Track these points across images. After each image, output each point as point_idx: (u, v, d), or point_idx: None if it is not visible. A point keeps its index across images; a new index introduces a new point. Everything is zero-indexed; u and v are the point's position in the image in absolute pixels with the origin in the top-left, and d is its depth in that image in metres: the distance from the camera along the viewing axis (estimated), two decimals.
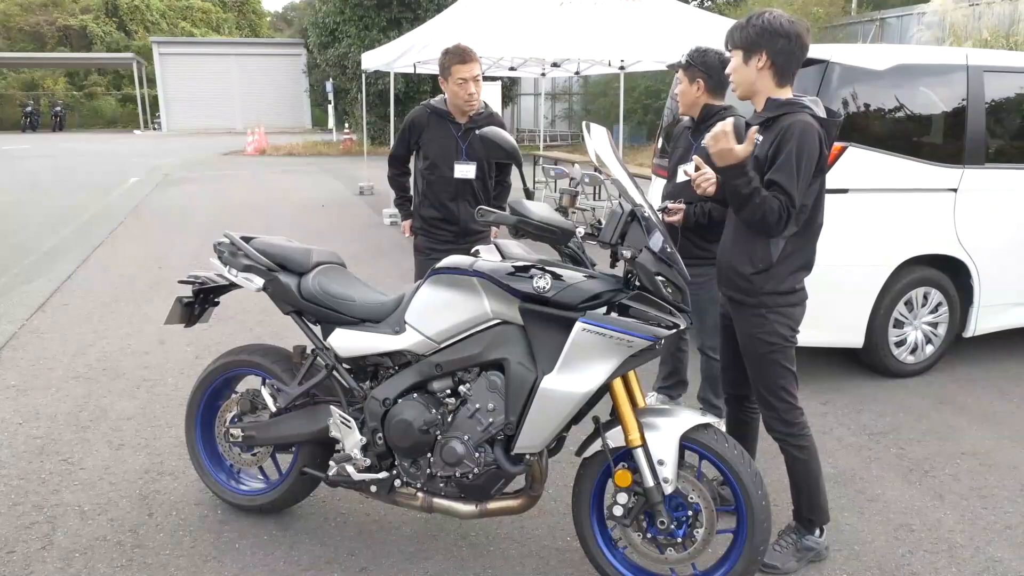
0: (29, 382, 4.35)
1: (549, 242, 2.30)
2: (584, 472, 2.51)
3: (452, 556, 2.74)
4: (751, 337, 2.58)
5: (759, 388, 2.62)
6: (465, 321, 2.47)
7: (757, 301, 2.54)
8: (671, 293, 2.32)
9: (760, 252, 2.52)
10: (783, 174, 2.36)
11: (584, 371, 2.29)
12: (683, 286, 2.34)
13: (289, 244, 2.87)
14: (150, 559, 2.71)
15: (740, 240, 2.59)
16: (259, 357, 2.90)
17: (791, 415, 2.60)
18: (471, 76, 3.46)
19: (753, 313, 2.56)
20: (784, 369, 2.57)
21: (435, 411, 2.51)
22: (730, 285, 2.63)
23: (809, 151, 2.37)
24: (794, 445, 2.61)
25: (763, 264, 2.52)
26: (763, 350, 2.56)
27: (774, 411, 2.60)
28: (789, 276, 2.53)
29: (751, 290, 2.55)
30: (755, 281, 2.54)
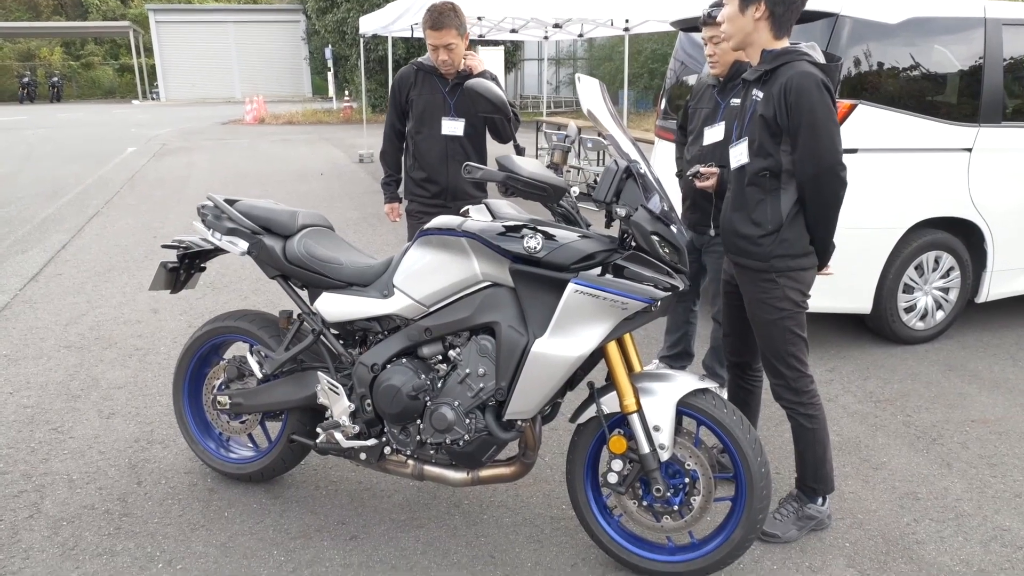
0: (20, 351, 4.29)
1: (540, 200, 2.20)
2: (578, 439, 2.43)
3: (444, 524, 2.68)
4: (760, 303, 2.48)
5: (768, 355, 2.52)
6: (454, 284, 2.38)
7: (766, 265, 2.43)
8: (668, 253, 2.22)
9: (769, 213, 2.41)
10: (817, 139, 2.26)
11: (577, 334, 2.20)
12: (680, 246, 2.24)
13: (274, 206, 2.77)
14: (138, 528, 2.66)
15: (745, 202, 2.47)
16: (245, 323, 2.82)
17: (801, 383, 2.50)
18: (441, 44, 3.30)
19: (762, 278, 2.45)
20: (794, 335, 2.47)
21: (424, 377, 2.42)
22: (737, 250, 2.52)
23: (824, 102, 2.26)
24: (803, 414, 2.52)
25: (772, 225, 2.41)
26: (773, 316, 2.46)
27: (783, 379, 2.51)
28: (800, 237, 2.42)
29: (760, 254, 2.44)
30: (764, 244, 2.42)
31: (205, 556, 2.51)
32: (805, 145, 2.29)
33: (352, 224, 7.66)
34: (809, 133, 2.27)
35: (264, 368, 2.69)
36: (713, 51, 3.16)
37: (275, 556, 2.51)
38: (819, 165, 2.29)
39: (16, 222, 7.79)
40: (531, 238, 2.21)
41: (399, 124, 3.66)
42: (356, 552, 2.53)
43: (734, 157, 2.52)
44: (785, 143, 2.35)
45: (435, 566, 2.46)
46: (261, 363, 2.71)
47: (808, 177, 2.32)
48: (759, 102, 2.38)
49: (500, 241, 2.25)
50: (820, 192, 2.33)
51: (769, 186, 2.40)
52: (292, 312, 2.75)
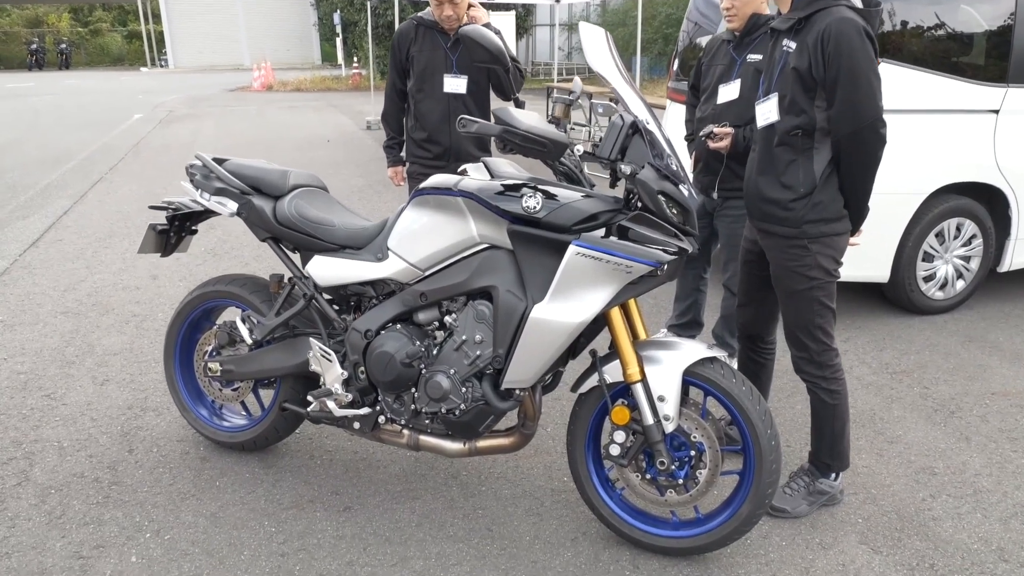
0: (17, 317, 4.23)
1: (539, 157, 2.06)
2: (579, 409, 2.33)
3: (441, 496, 2.60)
4: (789, 272, 2.33)
5: (792, 327, 2.39)
6: (450, 246, 2.26)
7: (798, 232, 2.28)
8: (676, 214, 2.09)
9: (801, 175, 2.25)
10: (856, 91, 2.10)
11: (578, 299, 2.08)
12: (689, 206, 2.11)
13: (265, 166, 2.65)
14: (127, 496, 2.59)
15: (774, 164, 2.31)
16: (236, 287, 2.72)
17: (825, 356, 2.37)
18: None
19: (792, 244, 2.30)
20: (823, 306, 2.33)
21: (419, 343, 2.32)
22: (763, 216, 2.36)
23: (865, 50, 2.09)
24: (825, 389, 2.39)
25: (804, 188, 2.25)
26: (802, 286, 2.31)
27: (807, 352, 2.38)
28: (834, 199, 2.26)
29: (790, 219, 2.28)
30: (795, 208, 2.27)
31: (194, 526, 2.44)
32: (843, 99, 2.13)
33: (357, 191, 7.53)
34: (848, 85, 2.10)
35: (254, 334, 2.59)
36: (731, 3, 2.98)
37: (266, 527, 2.43)
38: (858, 121, 2.13)
39: (19, 188, 7.71)
40: (530, 197, 2.09)
41: (400, 83, 3.51)
42: (349, 524, 2.45)
43: (761, 115, 2.35)
44: (820, 98, 2.19)
45: (431, 539, 2.38)
46: (251, 329, 2.61)
47: (845, 135, 2.16)
48: (791, 53, 2.21)
49: (497, 201, 2.13)
50: (858, 151, 2.17)
51: (801, 146, 2.25)
52: (283, 276, 2.64)
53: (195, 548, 2.33)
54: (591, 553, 2.31)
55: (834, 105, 2.15)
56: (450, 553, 2.31)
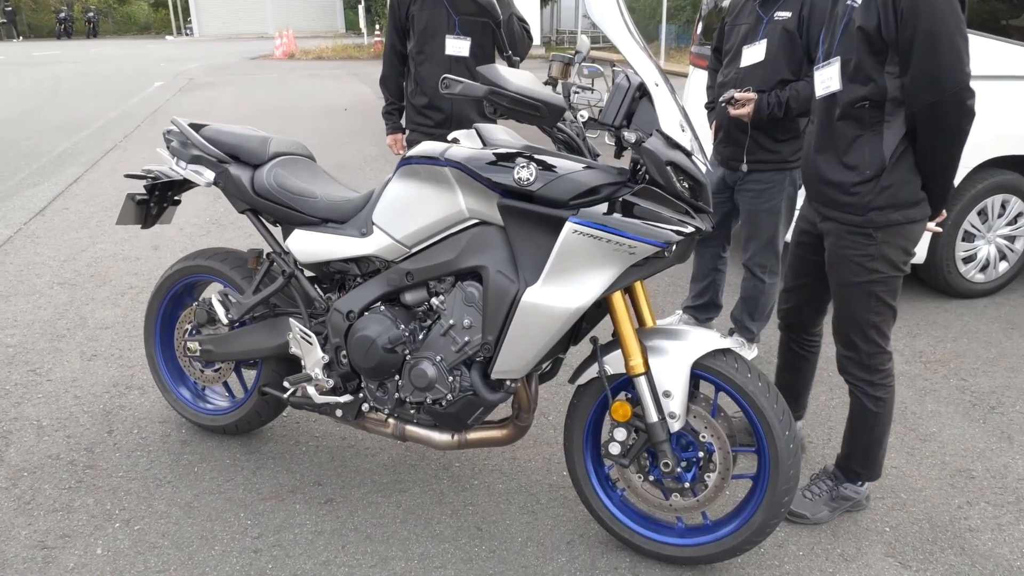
0: (14, 288, 4.12)
1: (533, 122, 1.84)
2: (578, 402, 2.13)
3: (430, 489, 2.42)
4: (847, 261, 2.06)
5: (843, 323, 2.13)
6: (437, 221, 2.05)
7: (863, 219, 2.00)
8: (687, 188, 1.85)
9: (867, 154, 1.96)
10: (938, 54, 1.80)
11: (575, 282, 1.87)
12: (703, 180, 1.87)
13: (245, 132, 2.45)
14: (100, 482, 2.45)
15: (835, 140, 2.02)
16: (216, 262, 2.54)
17: (877, 360, 2.12)
18: None
19: (857, 233, 2.02)
20: (882, 304, 2.07)
21: (403, 327, 2.12)
22: (825, 200, 2.08)
23: (950, 5, 1.79)
24: (870, 395, 2.14)
25: (872, 170, 1.97)
26: (862, 279, 2.05)
27: (855, 352, 2.13)
28: (907, 182, 1.97)
29: (855, 205, 2.01)
30: (860, 193, 1.99)
31: (166, 516, 2.29)
32: (921, 64, 1.82)
33: (370, 161, 7.33)
34: (927, 47, 1.80)
35: (230, 313, 2.41)
36: None
37: (241, 519, 2.28)
38: (938, 90, 1.82)
39: (33, 156, 7.62)
40: (523, 168, 1.87)
41: (400, 45, 3.29)
42: (329, 518, 2.28)
43: (820, 83, 2.06)
44: (892, 63, 1.89)
45: (415, 537, 2.21)
46: (227, 308, 2.43)
47: (923, 106, 1.86)
48: (856, 9, 1.91)
49: (487, 172, 1.91)
50: (938, 126, 1.87)
51: (868, 119, 1.96)
52: (262, 251, 2.46)
53: (165, 541, 2.19)
54: (587, 559, 2.12)
55: (909, 72, 1.85)
56: (434, 554, 2.14)
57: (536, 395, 2.20)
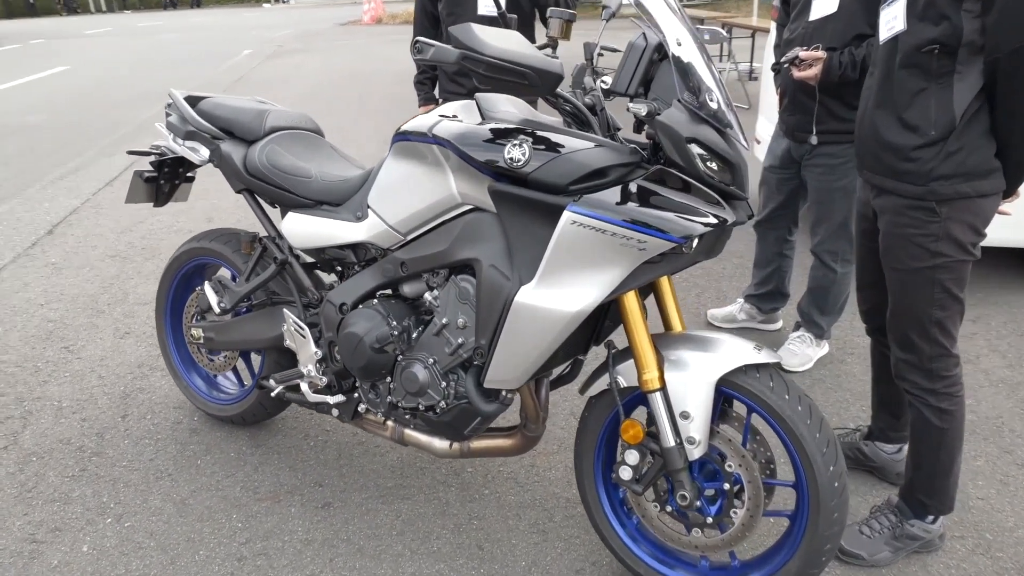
0: (68, 260, 4.17)
1: (522, 92, 1.54)
2: (589, 415, 1.85)
3: (435, 497, 2.21)
4: (904, 241, 1.72)
5: (900, 318, 1.78)
6: (430, 206, 1.80)
7: (923, 190, 1.66)
8: (716, 171, 1.53)
9: (934, 110, 1.62)
10: None
11: (574, 282, 1.58)
12: (735, 159, 1.54)
13: (242, 105, 2.27)
14: (103, 471, 2.37)
15: (894, 93, 1.68)
16: (220, 244, 2.39)
17: (941, 364, 1.76)
18: None
19: (915, 207, 1.68)
20: (947, 295, 1.71)
21: (395, 324, 1.90)
22: (879, 166, 1.74)
23: None
24: (933, 407, 1.79)
25: (937, 130, 1.62)
26: (921, 263, 1.70)
27: (914, 354, 1.78)
28: (980, 147, 1.62)
29: (914, 173, 1.66)
30: (922, 158, 1.65)
31: (159, 513, 2.18)
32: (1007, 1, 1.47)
33: None
34: None
35: (223, 302, 2.26)
36: None
37: (233, 521, 2.15)
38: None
39: (114, 126, 7.84)
40: (515, 147, 1.58)
41: (430, 5, 3.02)
42: (323, 525, 2.12)
43: (885, 23, 1.71)
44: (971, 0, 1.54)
45: (408, 554, 2.01)
46: (220, 295, 2.28)
47: (1007, 53, 1.50)
48: None
49: (476, 151, 1.64)
50: (1022, 78, 1.52)
51: (937, 68, 1.61)
52: (257, 235, 2.28)
53: (151, 541, 2.08)
54: None
55: (994, 7, 1.49)
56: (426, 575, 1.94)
57: (546, 403, 1.94)
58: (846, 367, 2.85)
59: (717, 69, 1.60)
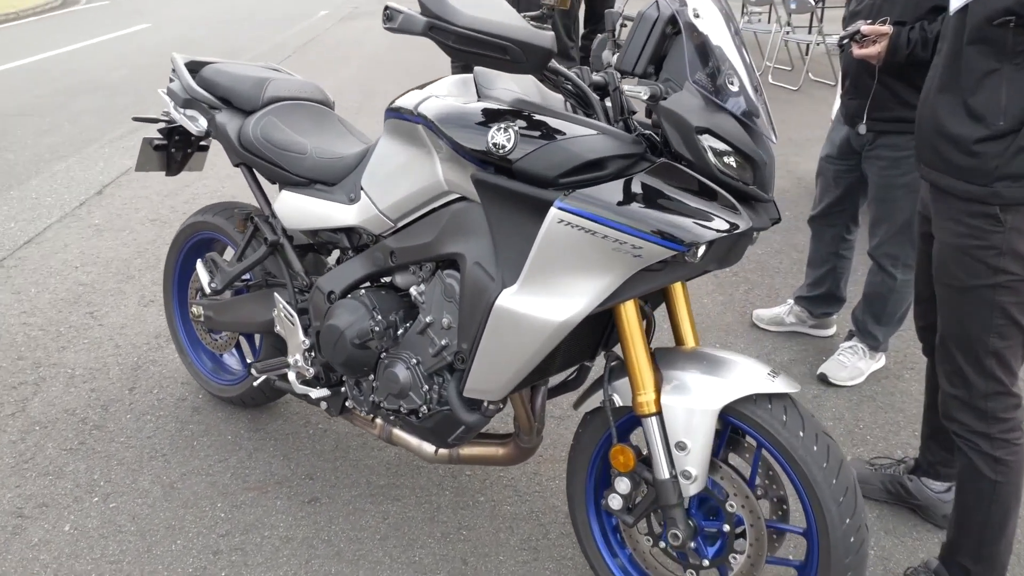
0: (111, 222, 4.19)
1: (502, 68, 1.34)
2: (583, 432, 1.67)
3: (426, 501, 2.07)
4: (962, 253, 1.46)
5: (951, 346, 1.53)
6: (417, 192, 1.63)
7: (986, 191, 1.40)
8: (732, 167, 1.31)
9: (1004, 96, 1.36)
10: None
11: (561, 288, 1.39)
12: (758, 155, 1.32)
13: (243, 73, 2.13)
14: (100, 446, 2.33)
15: (962, 77, 1.42)
16: (222, 219, 2.29)
17: (997, 404, 1.50)
18: None
19: (976, 212, 1.43)
20: (1008, 322, 1.45)
21: (380, 319, 1.75)
22: (936, 161, 1.49)
23: None
24: (986, 454, 1.53)
25: (1008, 121, 1.36)
26: (979, 280, 1.45)
27: (967, 390, 1.52)
28: None
29: (978, 170, 1.41)
30: (988, 154, 1.39)
31: (146, 496, 2.12)
32: None
33: None
34: None
35: (213, 282, 2.16)
36: None
37: (216, 510, 2.06)
38: None
39: None
40: (501, 131, 1.39)
41: None
42: (307, 522, 2.01)
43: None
44: None
45: (388, 561, 1.88)
46: (212, 274, 2.18)
47: None
48: None
49: (459, 134, 1.45)
50: None
51: (1012, 46, 1.35)
52: (251, 212, 2.16)
53: (132, 525, 2.02)
54: None
55: None
56: None
57: (542, 412, 1.77)
58: (902, 384, 2.56)
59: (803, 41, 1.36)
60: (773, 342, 2.85)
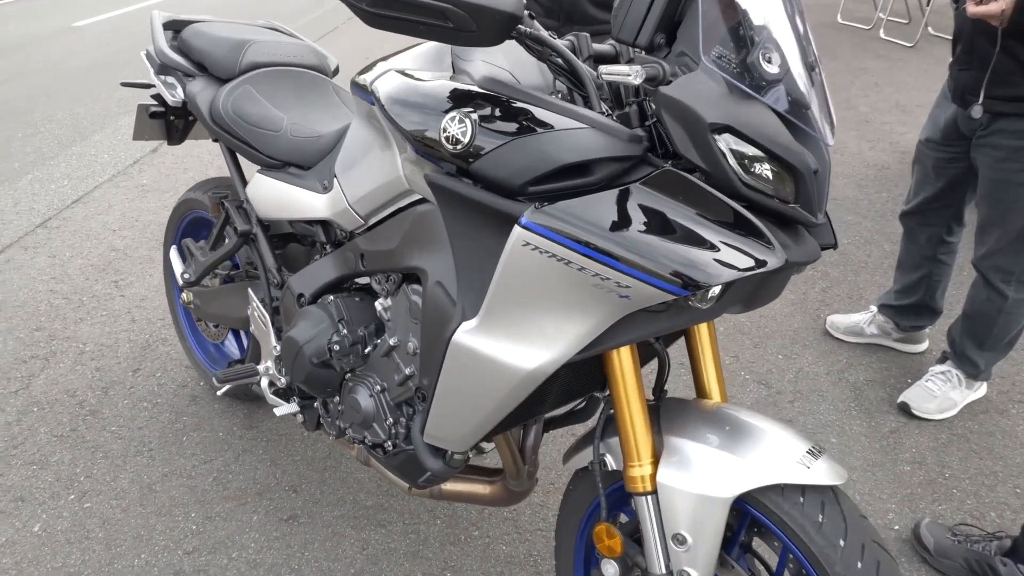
0: (158, 183, 4.10)
1: (447, 39, 1.00)
2: (573, 490, 1.36)
3: (413, 530, 1.82)
4: None
5: None
6: (380, 187, 1.34)
7: None
8: (765, 178, 0.95)
9: None
10: None
11: (530, 329, 1.07)
12: (801, 163, 0.95)
13: (224, 34, 1.86)
14: (91, 435, 2.20)
15: None
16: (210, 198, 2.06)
17: None
18: None
19: None
20: None
21: (346, 332, 1.48)
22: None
23: None
24: None
25: None
26: None
27: None
28: None
29: None
30: None
31: (122, 497, 1.97)
32: None
33: None
34: None
35: (187, 272, 1.94)
36: None
37: (189, 520, 1.89)
38: None
39: None
40: (456, 120, 1.07)
41: None
42: (278, 545, 1.80)
43: None
44: None
45: None
46: (187, 263, 1.96)
47: None
48: None
49: (409, 121, 1.14)
50: None
51: None
52: (226, 195, 1.91)
53: (101, 531, 1.86)
54: None
55: None
56: None
57: (534, 453, 1.47)
58: (1006, 423, 2.11)
59: None
60: (848, 356, 2.42)
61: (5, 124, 5.17)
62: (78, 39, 8.03)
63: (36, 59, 7.12)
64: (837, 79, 5.57)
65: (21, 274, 3.13)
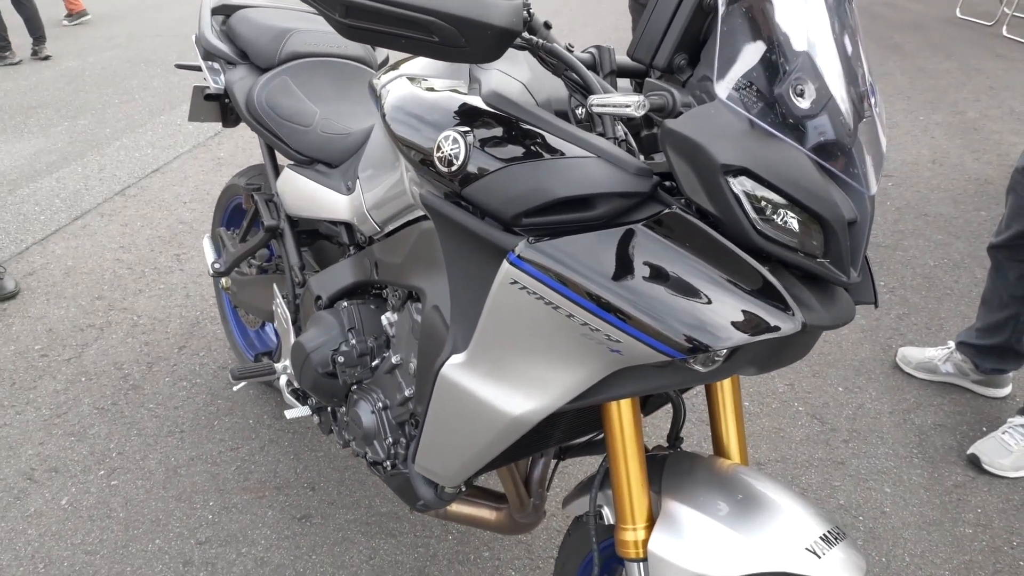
0: (234, 156, 4.18)
1: (433, 54, 0.90)
2: (569, 540, 1.27)
3: (422, 544, 1.77)
4: None
5: None
6: (392, 196, 1.28)
7: None
8: (789, 229, 0.82)
9: None
10: None
11: (517, 372, 0.98)
12: (832, 213, 0.82)
13: (270, 22, 1.82)
14: (128, 411, 2.25)
15: None
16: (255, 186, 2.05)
17: None
18: None
19: None
20: None
21: (353, 342, 1.42)
22: None
23: None
24: None
25: None
26: None
27: None
28: None
29: None
30: None
31: (148, 478, 2.00)
32: None
33: None
34: None
35: (217, 262, 1.92)
36: None
37: (207, 508, 1.89)
38: None
39: None
40: (451, 140, 0.97)
41: None
42: (287, 545, 1.78)
43: None
44: None
45: None
46: (219, 253, 1.95)
47: None
48: None
49: (409, 137, 1.05)
50: None
51: None
52: (258, 187, 1.88)
53: (122, 512, 1.89)
54: None
55: None
56: None
57: (541, 485, 1.38)
58: None
59: None
60: (917, 395, 2.21)
61: (104, 89, 5.40)
62: (189, 4, 8.32)
63: (146, 25, 7.41)
64: (947, 80, 5.14)
65: (93, 241, 3.24)
